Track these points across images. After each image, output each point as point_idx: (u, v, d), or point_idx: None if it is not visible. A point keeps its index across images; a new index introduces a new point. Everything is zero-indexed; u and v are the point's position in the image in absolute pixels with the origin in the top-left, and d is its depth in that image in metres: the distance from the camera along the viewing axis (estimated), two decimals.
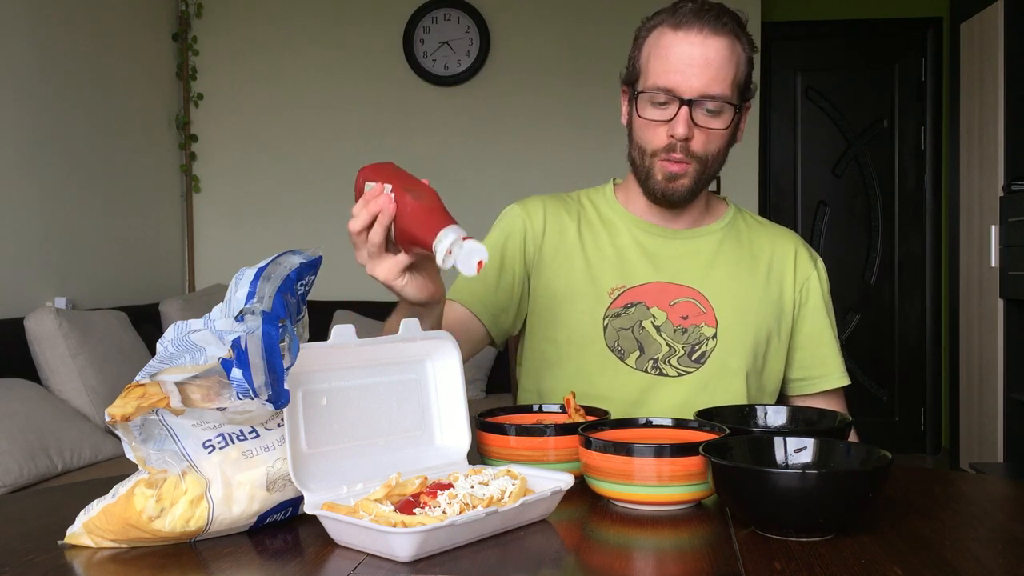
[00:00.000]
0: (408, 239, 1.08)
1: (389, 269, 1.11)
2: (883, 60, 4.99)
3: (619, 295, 1.44)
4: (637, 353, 1.43)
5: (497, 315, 1.47)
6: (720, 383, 1.43)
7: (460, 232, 1.04)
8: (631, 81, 1.42)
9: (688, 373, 1.43)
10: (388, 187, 1.11)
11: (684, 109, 1.34)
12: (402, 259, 1.11)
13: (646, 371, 1.43)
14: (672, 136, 1.35)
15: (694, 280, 1.45)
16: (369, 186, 1.14)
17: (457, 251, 1.02)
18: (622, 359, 1.43)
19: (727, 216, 1.53)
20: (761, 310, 1.47)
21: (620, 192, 1.54)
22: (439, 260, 1.03)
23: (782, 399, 1.55)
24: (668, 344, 1.43)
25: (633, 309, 1.44)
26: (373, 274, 1.12)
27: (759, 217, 1.59)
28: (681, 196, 1.41)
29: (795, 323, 1.51)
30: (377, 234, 1.08)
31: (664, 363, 1.43)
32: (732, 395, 1.43)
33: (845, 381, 1.52)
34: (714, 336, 1.43)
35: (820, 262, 1.55)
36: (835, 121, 5.01)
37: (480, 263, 1.03)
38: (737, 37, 1.37)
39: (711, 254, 1.48)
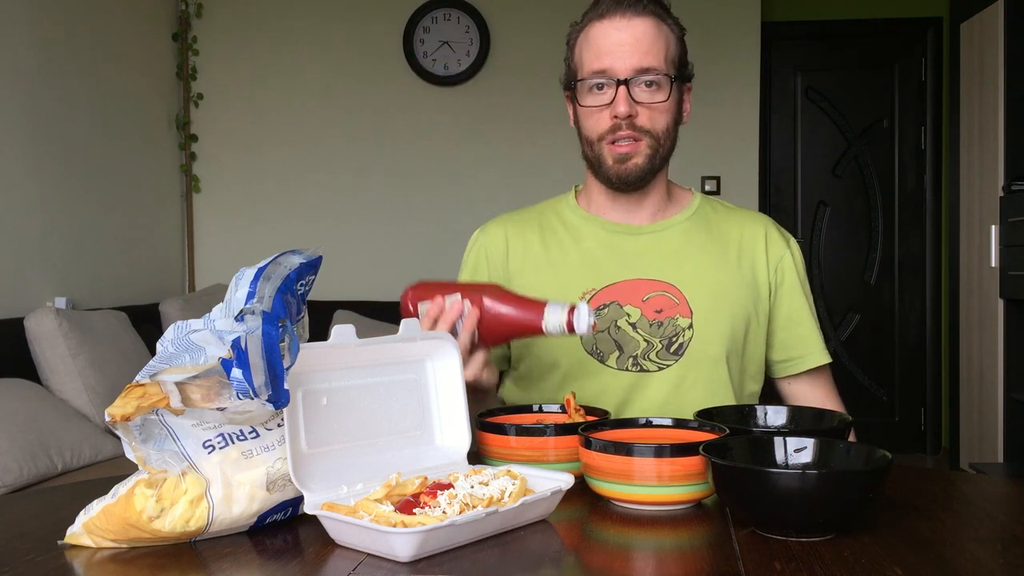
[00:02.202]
0: (504, 333, 1.22)
1: (476, 368, 1.23)
2: (883, 60, 4.99)
3: (591, 298, 1.44)
4: (616, 353, 1.43)
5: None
6: (701, 372, 1.43)
7: (563, 305, 1.19)
8: (569, 83, 1.45)
9: (668, 366, 1.43)
10: (456, 296, 1.22)
11: (622, 88, 1.37)
12: (482, 357, 1.24)
13: (627, 369, 1.43)
14: (616, 116, 1.37)
15: (664, 273, 1.45)
16: (424, 305, 1.24)
17: (577, 320, 1.17)
18: (602, 361, 1.43)
19: (692, 205, 1.53)
20: (735, 294, 1.46)
21: (582, 197, 1.55)
22: (554, 332, 1.19)
23: (768, 383, 1.55)
24: (645, 340, 1.43)
25: (606, 310, 1.44)
26: None
27: (729, 204, 1.58)
28: (636, 176, 1.42)
29: (773, 305, 1.50)
30: (465, 341, 1.20)
31: (644, 359, 1.43)
32: (715, 382, 1.43)
33: (827, 359, 1.52)
34: (690, 326, 1.43)
35: (793, 242, 1.55)
36: (835, 121, 5.01)
37: (595, 324, 1.20)
38: (662, 18, 1.40)
39: (679, 245, 1.48)
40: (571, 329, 1.18)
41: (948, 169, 4.41)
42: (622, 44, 1.37)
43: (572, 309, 1.17)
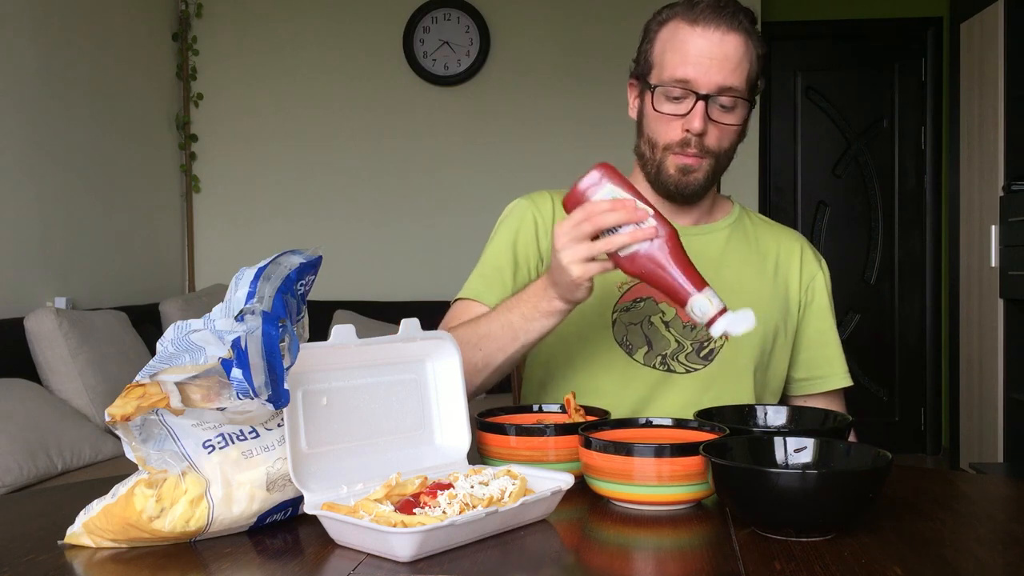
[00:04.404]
0: (649, 276, 1.12)
1: (591, 271, 1.15)
2: (883, 60, 4.99)
3: (628, 289, 1.44)
4: (645, 348, 1.42)
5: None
6: (728, 380, 1.43)
7: (719, 301, 1.10)
8: (642, 75, 1.42)
9: (696, 370, 1.42)
10: (650, 211, 1.13)
11: (700, 104, 1.34)
12: (606, 267, 1.15)
13: (654, 367, 1.42)
14: (688, 131, 1.35)
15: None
16: (609, 188, 1.14)
17: (728, 315, 1.09)
18: (630, 354, 1.42)
19: (733, 214, 1.53)
20: (769, 307, 1.46)
21: None
22: (694, 316, 1.10)
23: (783, 399, 1.55)
24: (677, 340, 1.42)
25: (642, 304, 1.43)
26: (568, 263, 1.14)
27: (764, 217, 1.59)
28: (694, 190, 1.41)
29: (800, 323, 1.51)
30: (616, 245, 1.12)
31: (672, 359, 1.42)
32: (739, 392, 1.43)
33: (848, 382, 1.53)
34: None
35: (824, 263, 1.56)
36: (835, 121, 5.01)
37: (726, 336, 1.11)
38: (750, 35, 1.37)
39: (719, 251, 1.48)
40: (709, 325, 1.10)
41: (948, 169, 4.41)
42: (711, 58, 1.33)
43: (724, 311, 1.09)
